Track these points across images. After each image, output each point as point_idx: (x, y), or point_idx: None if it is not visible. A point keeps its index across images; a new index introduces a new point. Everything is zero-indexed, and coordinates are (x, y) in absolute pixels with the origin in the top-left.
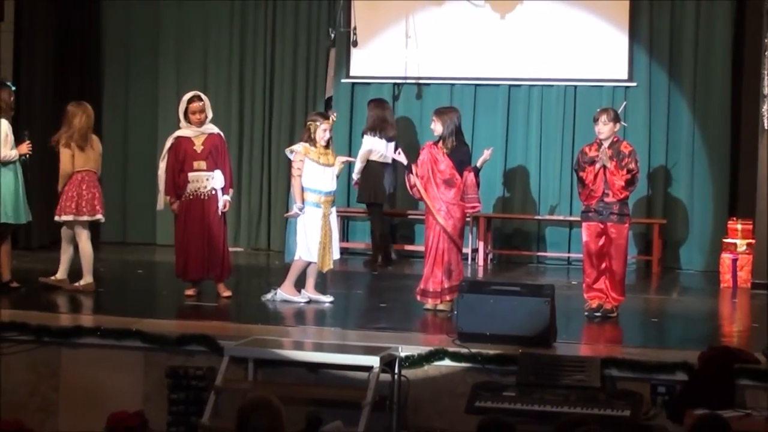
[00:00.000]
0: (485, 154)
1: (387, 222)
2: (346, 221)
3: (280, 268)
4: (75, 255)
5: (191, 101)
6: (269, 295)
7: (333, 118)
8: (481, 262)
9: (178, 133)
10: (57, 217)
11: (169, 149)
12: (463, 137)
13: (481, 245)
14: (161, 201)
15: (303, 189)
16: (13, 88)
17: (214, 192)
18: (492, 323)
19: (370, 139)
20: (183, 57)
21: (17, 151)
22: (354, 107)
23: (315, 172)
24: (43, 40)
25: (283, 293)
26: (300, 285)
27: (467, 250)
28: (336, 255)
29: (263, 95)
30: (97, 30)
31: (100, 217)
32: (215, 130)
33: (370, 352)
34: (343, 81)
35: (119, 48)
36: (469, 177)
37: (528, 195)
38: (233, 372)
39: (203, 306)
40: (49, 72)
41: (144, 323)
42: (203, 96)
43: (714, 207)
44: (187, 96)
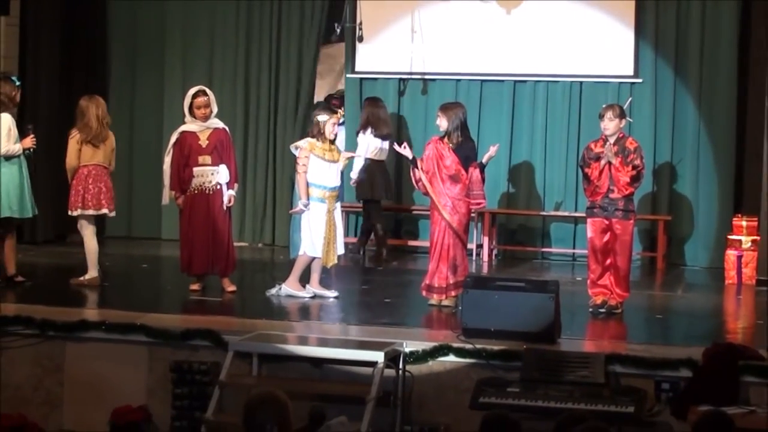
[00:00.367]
0: (491, 150)
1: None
2: (356, 217)
3: (284, 263)
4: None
5: (196, 96)
6: (274, 290)
7: (341, 112)
8: (486, 257)
9: (183, 128)
10: (69, 212)
11: (174, 144)
12: (469, 133)
13: (486, 241)
14: (166, 196)
15: (308, 185)
16: (17, 82)
17: (219, 187)
18: (496, 319)
19: (363, 137)
20: (189, 51)
21: (21, 145)
22: (361, 102)
23: (320, 167)
24: (49, 34)
25: (288, 288)
26: (305, 280)
27: (472, 245)
28: (340, 250)
29: (268, 90)
30: (103, 24)
31: (105, 212)
32: (220, 124)
33: (374, 347)
34: (349, 76)
35: (125, 42)
36: (475, 173)
37: (533, 191)
38: (238, 367)
39: (208, 301)
40: (55, 66)
41: (148, 318)
42: (208, 91)
43: (719, 204)
44: (192, 91)
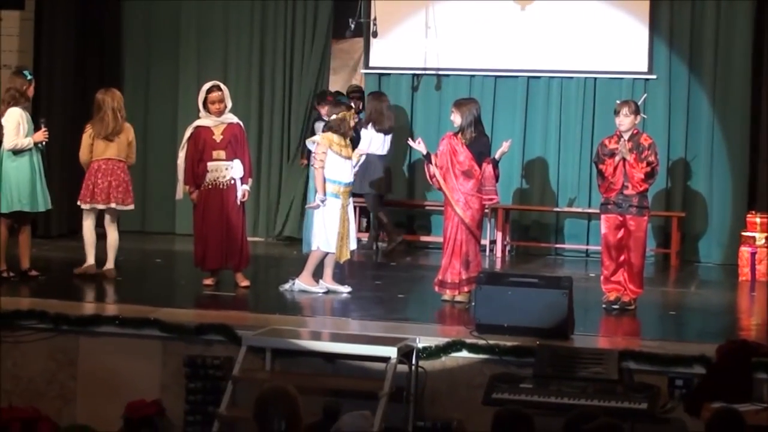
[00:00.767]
0: (503, 146)
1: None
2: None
3: (298, 258)
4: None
5: (210, 91)
6: (287, 285)
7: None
8: (499, 253)
9: (197, 123)
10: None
11: (189, 139)
12: (483, 128)
13: (500, 236)
14: (180, 190)
15: (324, 180)
16: (29, 77)
17: (233, 181)
18: (510, 315)
19: (366, 132)
20: (203, 45)
21: (32, 139)
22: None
23: (336, 163)
24: (63, 28)
25: (301, 283)
26: (318, 275)
27: (485, 241)
28: (353, 245)
29: (283, 84)
30: (118, 18)
31: (113, 206)
32: (235, 119)
33: (387, 342)
34: (363, 72)
35: (139, 37)
36: (487, 169)
37: (547, 187)
38: (251, 362)
39: (221, 295)
40: (69, 60)
41: (162, 312)
42: (222, 86)
43: (733, 200)
44: (207, 86)
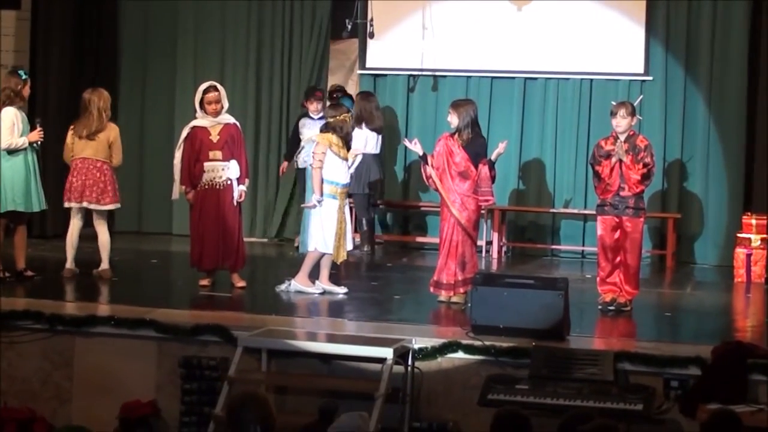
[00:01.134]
0: (499, 147)
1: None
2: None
3: (294, 258)
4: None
5: (207, 91)
6: (283, 286)
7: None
8: (496, 254)
9: (194, 123)
10: None
11: (185, 139)
12: (480, 130)
13: (496, 237)
14: (176, 191)
15: (322, 180)
16: (24, 76)
17: (229, 182)
18: (505, 316)
19: (360, 132)
20: (200, 45)
21: (27, 139)
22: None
23: (334, 164)
24: (60, 28)
25: (298, 284)
26: (314, 276)
27: (481, 242)
28: (349, 246)
29: (280, 85)
30: (114, 18)
31: (85, 204)
32: (231, 120)
33: (383, 343)
34: (360, 72)
35: (136, 36)
36: (483, 170)
37: (543, 188)
38: (247, 362)
39: (217, 296)
40: (66, 60)
41: (158, 313)
42: (219, 86)
43: (729, 202)
44: (203, 86)
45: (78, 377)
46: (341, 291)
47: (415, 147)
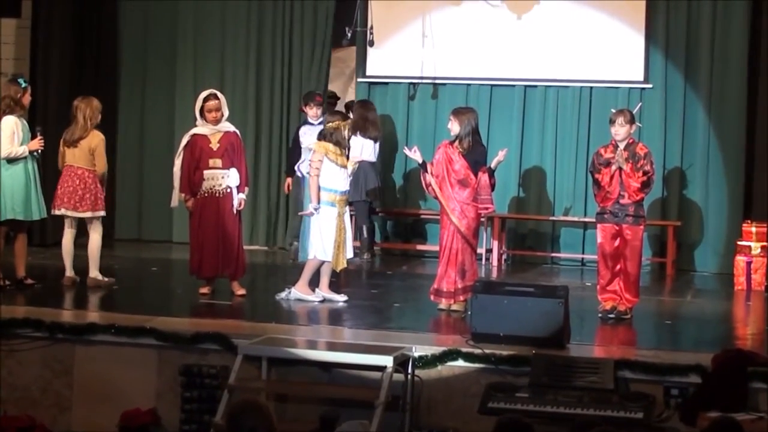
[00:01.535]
0: (499, 155)
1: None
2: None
3: (294, 266)
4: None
5: (207, 99)
6: (283, 294)
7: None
8: (496, 262)
9: (194, 131)
10: None
11: (185, 147)
12: (480, 138)
13: (496, 245)
14: (175, 198)
15: (319, 188)
16: (24, 84)
17: (229, 190)
18: (505, 324)
19: (356, 140)
20: (200, 54)
21: (27, 147)
22: None
23: (332, 171)
24: (60, 36)
25: (298, 292)
26: (314, 284)
27: (481, 250)
28: (349, 254)
29: (281, 93)
30: (114, 26)
31: (63, 211)
32: (231, 128)
33: (383, 351)
34: (360, 80)
35: (136, 44)
36: (483, 178)
37: (543, 196)
38: (247, 371)
39: (217, 304)
40: (66, 68)
41: (158, 321)
42: (219, 94)
43: (729, 209)
44: (203, 94)
45: (78, 385)
46: (341, 299)
47: (415, 155)
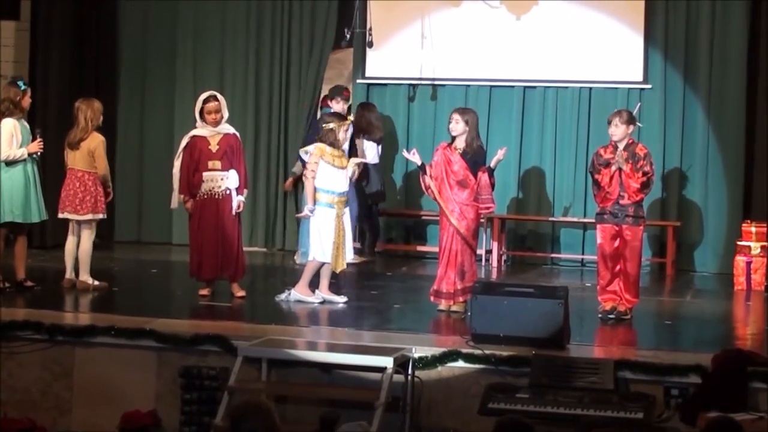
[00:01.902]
0: (499, 153)
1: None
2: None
3: (294, 268)
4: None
5: (207, 101)
6: (283, 296)
7: (350, 119)
8: (495, 263)
9: (193, 133)
10: None
11: (185, 148)
12: (479, 138)
13: (495, 246)
14: (175, 200)
15: (315, 190)
16: (23, 87)
17: (228, 192)
18: (505, 325)
19: (359, 142)
20: (199, 56)
21: (26, 150)
22: None
23: (329, 173)
24: (59, 39)
25: (297, 293)
26: (314, 285)
27: (481, 251)
28: (349, 255)
29: (280, 95)
30: (114, 29)
31: (63, 215)
32: (231, 130)
33: (383, 352)
34: (359, 82)
35: (135, 46)
36: (483, 177)
37: (543, 196)
38: (247, 372)
39: (217, 306)
40: (65, 71)
41: (158, 323)
42: (219, 96)
43: (728, 209)
44: (203, 96)
45: (78, 387)
46: (341, 300)
47: (414, 157)
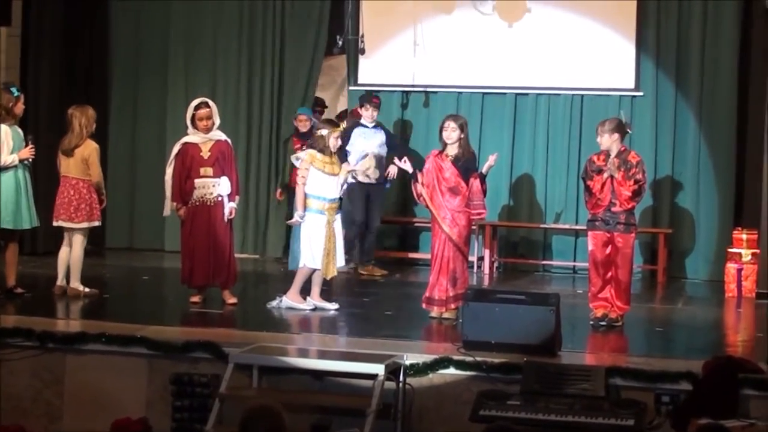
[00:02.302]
0: (490, 159)
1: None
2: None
3: (285, 275)
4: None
5: (198, 108)
6: (274, 303)
7: (342, 125)
8: (487, 270)
9: (185, 139)
10: None
11: (176, 155)
12: (470, 144)
13: (487, 253)
14: (167, 207)
15: (306, 196)
16: (16, 93)
17: (220, 198)
18: (497, 331)
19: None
20: (192, 62)
21: (17, 156)
22: None
23: (319, 179)
24: (50, 45)
25: (289, 300)
26: (305, 292)
27: (473, 258)
28: (340, 262)
29: (271, 101)
30: (105, 34)
31: (61, 223)
32: (222, 136)
33: (374, 359)
34: (351, 89)
35: (127, 53)
36: (475, 183)
37: (534, 203)
38: (238, 379)
39: (208, 313)
40: (56, 77)
41: (149, 330)
42: (211, 102)
43: (719, 217)
44: (195, 102)
45: (69, 394)
46: (332, 307)
47: (405, 165)
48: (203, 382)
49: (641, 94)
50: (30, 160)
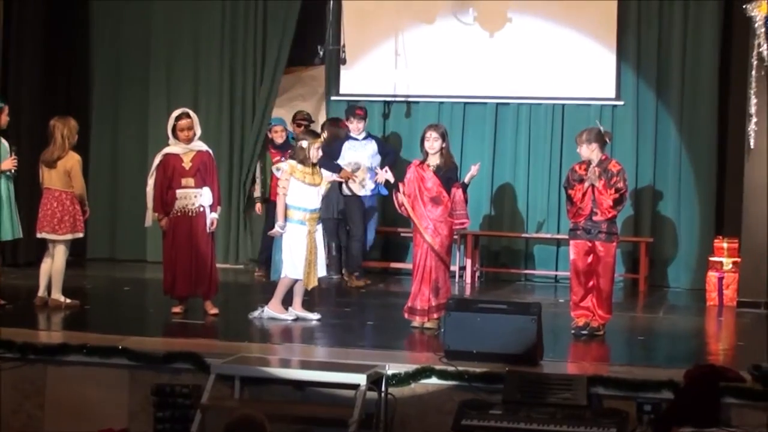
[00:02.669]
0: (472, 169)
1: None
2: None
3: (267, 285)
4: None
5: (179, 118)
6: (256, 313)
7: (324, 136)
8: (469, 279)
9: (166, 150)
10: None
11: (158, 166)
12: (451, 154)
13: (469, 263)
14: (149, 217)
15: (287, 207)
16: (0, 104)
17: (201, 209)
18: (479, 341)
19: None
20: (173, 71)
21: (0, 167)
22: None
23: (300, 190)
24: (32, 54)
25: (271, 311)
26: (287, 303)
27: (455, 267)
28: (321, 272)
29: (253, 111)
30: (86, 45)
31: (44, 235)
32: (204, 147)
33: (357, 370)
34: (333, 99)
35: (109, 63)
36: (457, 193)
37: (516, 213)
38: (220, 390)
39: (190, 323)
40: (37, 86)
41: (130, 341)
42: (192, 113)
43: (701, 225)
44: (176, 113)
45: (50, 406)
46: (314, 317)
47: (386, 175)
48: (185, 392)
49: (622, 103)
50: (13, 170)
